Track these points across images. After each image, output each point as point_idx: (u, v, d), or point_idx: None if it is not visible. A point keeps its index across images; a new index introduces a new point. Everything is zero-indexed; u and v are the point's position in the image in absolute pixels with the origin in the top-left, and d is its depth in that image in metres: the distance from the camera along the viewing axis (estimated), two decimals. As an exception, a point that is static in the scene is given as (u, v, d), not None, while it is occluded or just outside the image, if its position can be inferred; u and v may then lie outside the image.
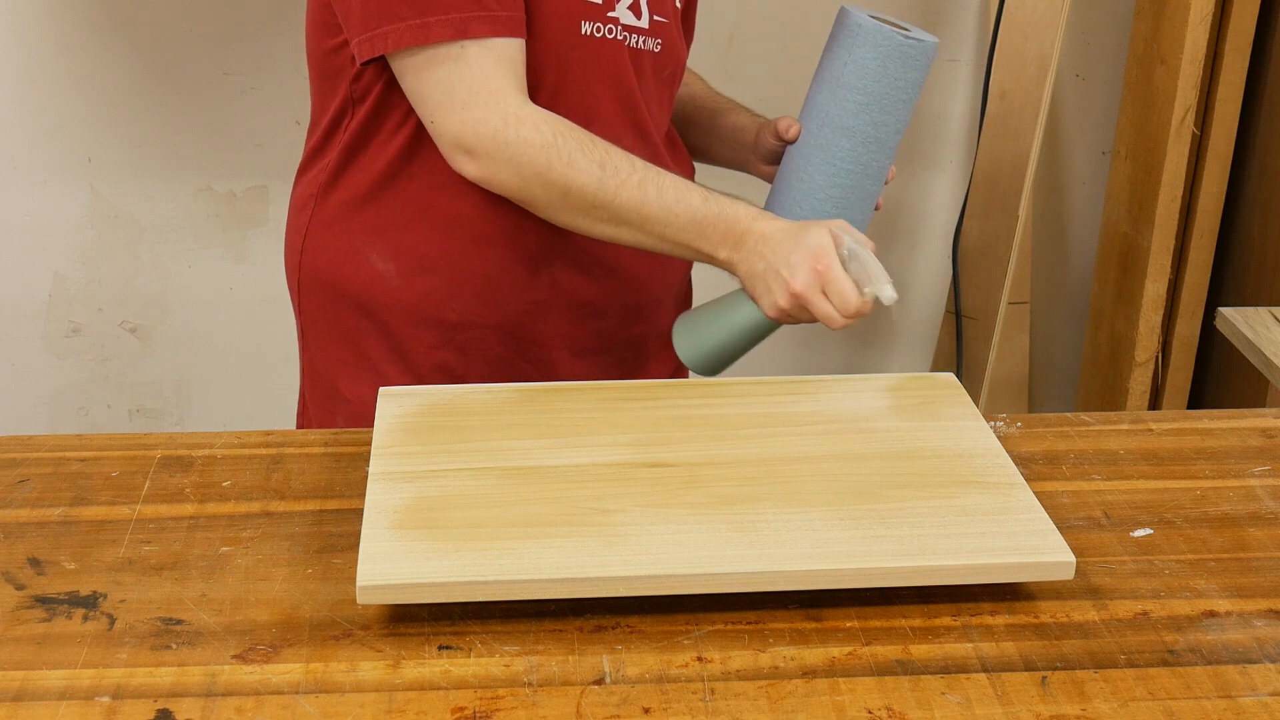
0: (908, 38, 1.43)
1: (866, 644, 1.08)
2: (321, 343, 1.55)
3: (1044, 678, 1.05)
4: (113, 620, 1.09)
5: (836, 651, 1.07)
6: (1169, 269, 2.46)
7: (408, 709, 1.01)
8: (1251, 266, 2.45)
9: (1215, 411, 1.44)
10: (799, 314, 1.33)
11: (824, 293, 1.31)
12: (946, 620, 1.11)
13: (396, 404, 1.32)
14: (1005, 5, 2.33)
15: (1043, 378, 2.77)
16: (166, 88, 2.37)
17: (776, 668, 1.05)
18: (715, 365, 1.45)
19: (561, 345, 1.51)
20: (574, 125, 1.35)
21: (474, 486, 1.19)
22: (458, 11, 1.29)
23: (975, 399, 2.47)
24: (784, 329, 1.60)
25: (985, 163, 2.39)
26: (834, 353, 2.69)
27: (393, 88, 1.40)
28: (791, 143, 1.50)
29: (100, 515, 1.22)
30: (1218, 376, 2.58)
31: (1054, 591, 1.14)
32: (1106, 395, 2.62)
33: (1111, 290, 2.57)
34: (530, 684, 1.03)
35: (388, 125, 1.43)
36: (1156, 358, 2.53)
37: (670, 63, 1.49)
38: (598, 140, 1.36)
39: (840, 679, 1.04)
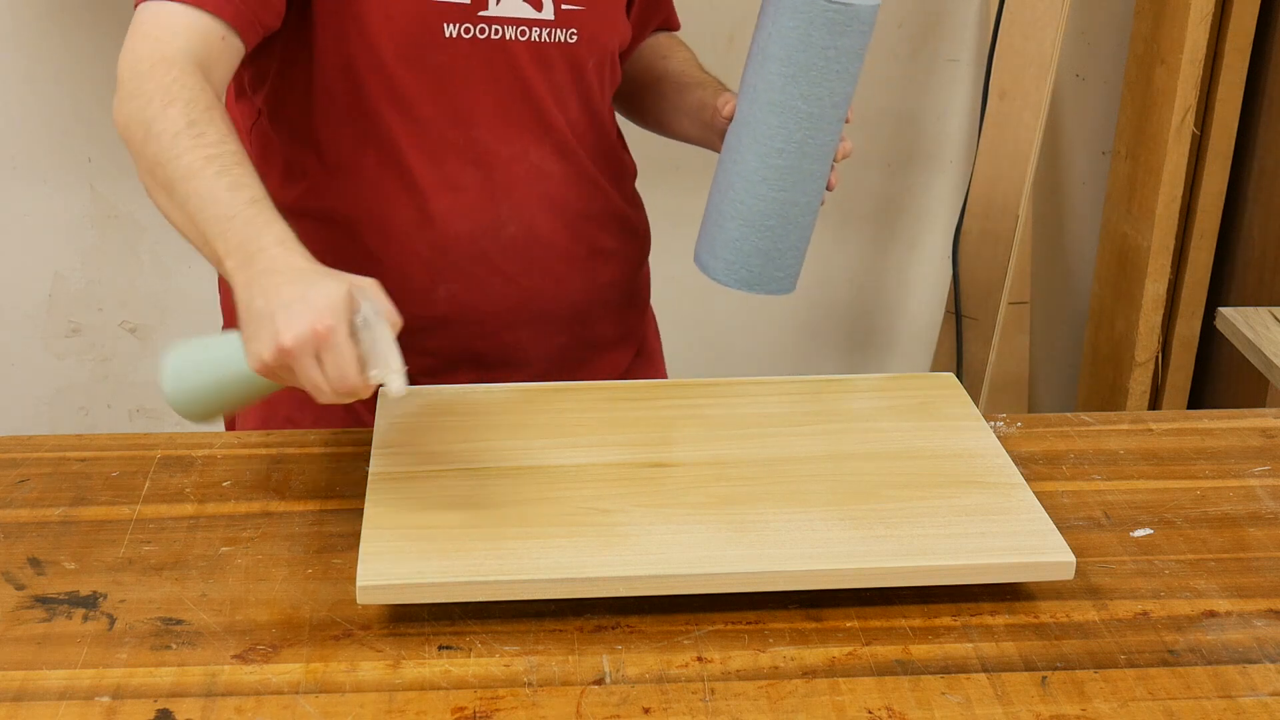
0: (837, 3, 1.29)
1: (866, 644, 1.08)
2: None
3: (1044, 678, 1.05)
4: (113, 620, 1.09)
5: (836, 651, 1.07)
6: (1169, 269, 2.46)
7: (408, 709, 1.01)
8: (1251, 266, 2.45)
9: (1215, 411, 1.44)
10: (282, 373, 1.08)
11: (318, 358, 1.06)
12: (946, 620, 1.11)
13: (396, 404, 1.31)
14: (1005, 5, 2.33)
15: (1043, 378, 2.77)
16: (166, 88, 2.37)
17: (776, 668, 1.05)
18: (199, 409, 1.20)
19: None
20: (210, 93, 1.21)
21: (474, 486, 1.19)
22: None
23: (975, 399, 2.47)
24: (778, 331, 1.58)
25: (985, 163, 2.39)
26: (834, 353, 2.69)
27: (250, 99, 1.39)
28: (729, 121, 1.39)
29: (100, 515, 1.22)
30: (1218, 376, 2.58)
31: (1054, 591, 1.14)
32: (1106, 395, 2.62)
33: (1111, 290, 2.57)
34: (530, 684, 1.03)
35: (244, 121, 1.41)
36: (1156, 358, 2.53)
37: (595, 51, 1.42)
38: (214, 106, 1.19)
39: (840, 679, 1.04)
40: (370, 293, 1.09)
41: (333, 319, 1.05)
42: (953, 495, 1.19)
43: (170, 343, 1.20)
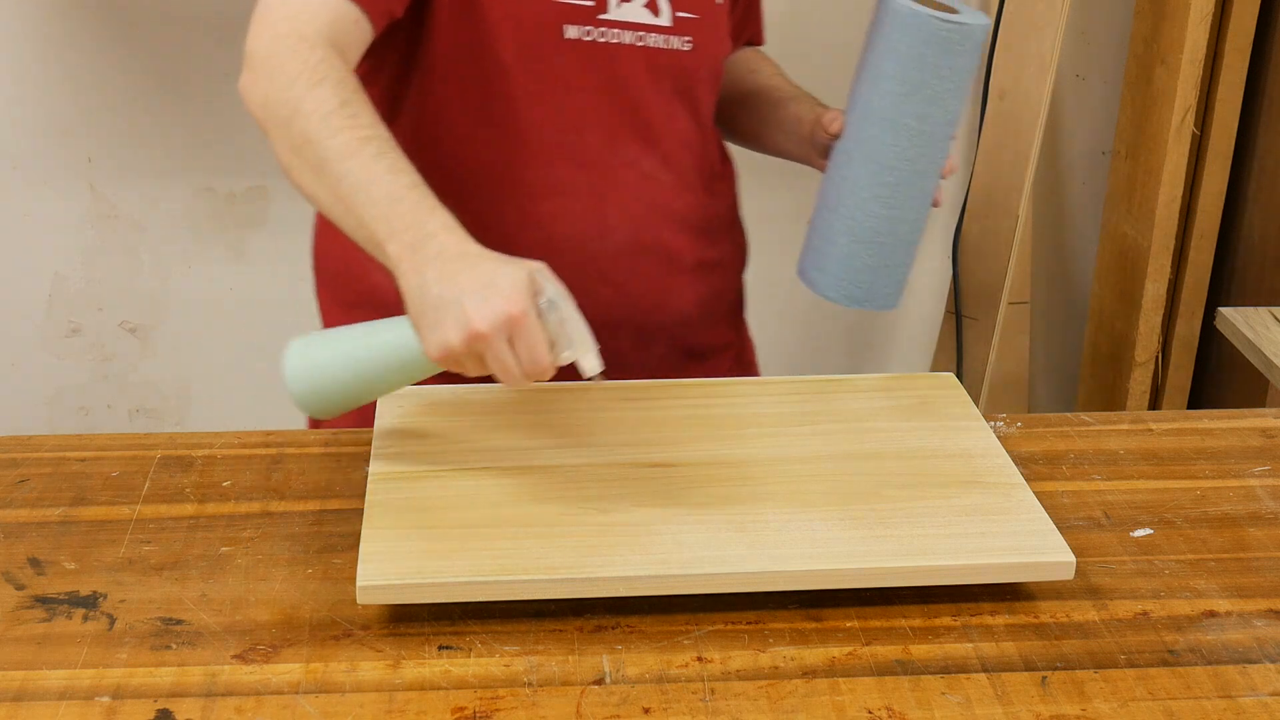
0: (947, 21, 1.30)
1: (866, 644, 1.08)
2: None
3: (1044, 678, 1.05)
4: (113, 620, 1.09)
5: (836, 651, 1.07)
6: (1169, 269, 2.46)
7: (408, 709, 1.01)
8: (1251, 266, 2.45)
9: (1215, 411, 1.44)
10: (465, 361, 1.09)
11: (510, 342, 1.07)
12: (946, 620, 1.11)
13: (396, 404, 1.31)
14: (1005, 5, 2.33)
15: (1043, 378, 2.77)
16: (166, 88, 2.37)
17: (776, 668, 1.05)
18: (331, 405, 1.20)
19: None
20: (354, 76, 1.20)
21: (474, 486, 1.19)
22: None
23: (975, 399, 2.47)
24: (778, 331, 1.57)
25: (985, 163, 2.39)
26: (834, 353, 2.69)
27: (390, 93, 1.37)
28: (836, 137, 1.39)
29: (100, 515, 1.22)
30: (1218, 376, 2.58)
31: (1054, 591, 1.14)
32: (1106, 395, 2.62)
33: (1111, 290, 2.57)
34: (530, 684, 1.03)
35: (390, 113, 1.37)
36: (1156, 358, 2.53)
37: (706, 61, 1.42)
38: (360, 89, 1.19)
39: (840, 679, 1.04)
40: (548, 274, 1.10)
41: (524, 302, 1.06)
42: (953, 495, 1.19)
43: (289, 339, 1.19)
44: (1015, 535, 1.15)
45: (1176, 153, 2.37)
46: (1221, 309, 2.01)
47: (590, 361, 1.09)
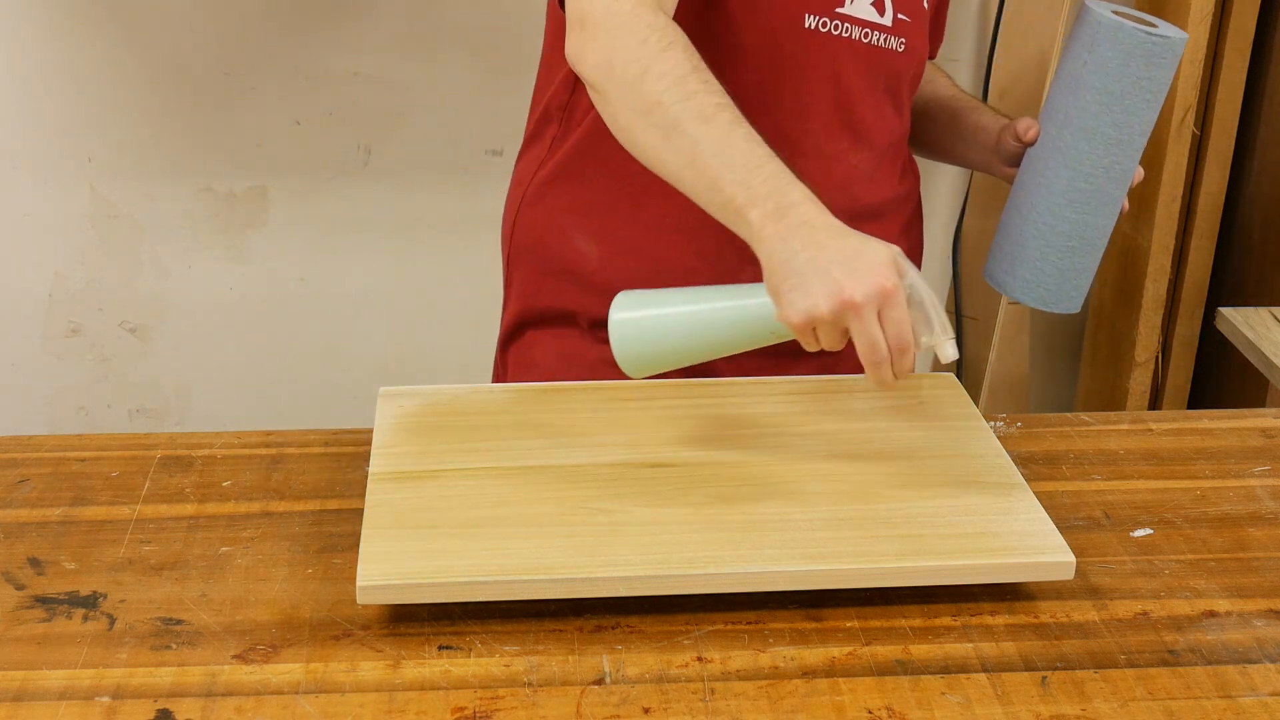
0: (1150, 34, 1.35)
1: (866, 644, 1.08)
2: (525, 304, 1.52)
3: (1044, 678, 1.05)
4: (113, 620, 1.09)
5: (836, 651, 1.07)
6: (1169, 269, 2.46)
7: (408, 709, 1.01)
8: (1251, 266, 2.45)
9: (1215, 411, 1.44)
10: (828, 332, 1.09)
11: (880, 316, 1.07)
12: (946, 620, 1.11)
13: (396, 404, 1.32)
14: (1005, 5, 2.33)
15: (1043, 378, 2.77)
16: (166, 88, 2.37)
17: (776, 668, 1.05)
18: (655, 361, 1.21)
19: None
20: (687, 38, 1.20)
21: (474, 486, 1.19)
22: None
23: (975, 399, 2.46)
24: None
25: (985, 163, 2.39)
26: (834, 353, 2.69)
27: None
28: (1030, 145, 1.42)
29: (100, 515, 1.22)
30: (1218, 376, 2.58)
31: (1054, 591, 1.14)
32: (1106, 395, 2.61)
33: (1111, 290, 2.57)
34: (530, 684, 1.03)
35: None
36: (1156, 358, 2.53)
37: (914, 64, 1.44)
38: (706, 68, 1.19)
39: (840, 679, 1.04)
40: (906, 258, 1.11)
41: (895, 278, 1.07)
42: (953, 495, 1.19)
43: (617, 296, 1.18)
44: (1015, 535, 1.15)
45: (1176, 152, 2.37)
46: (1221, 309, 2.01)
47: (949, 350, 1.09)
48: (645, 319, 1.18)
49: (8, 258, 2.46)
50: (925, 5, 1.44)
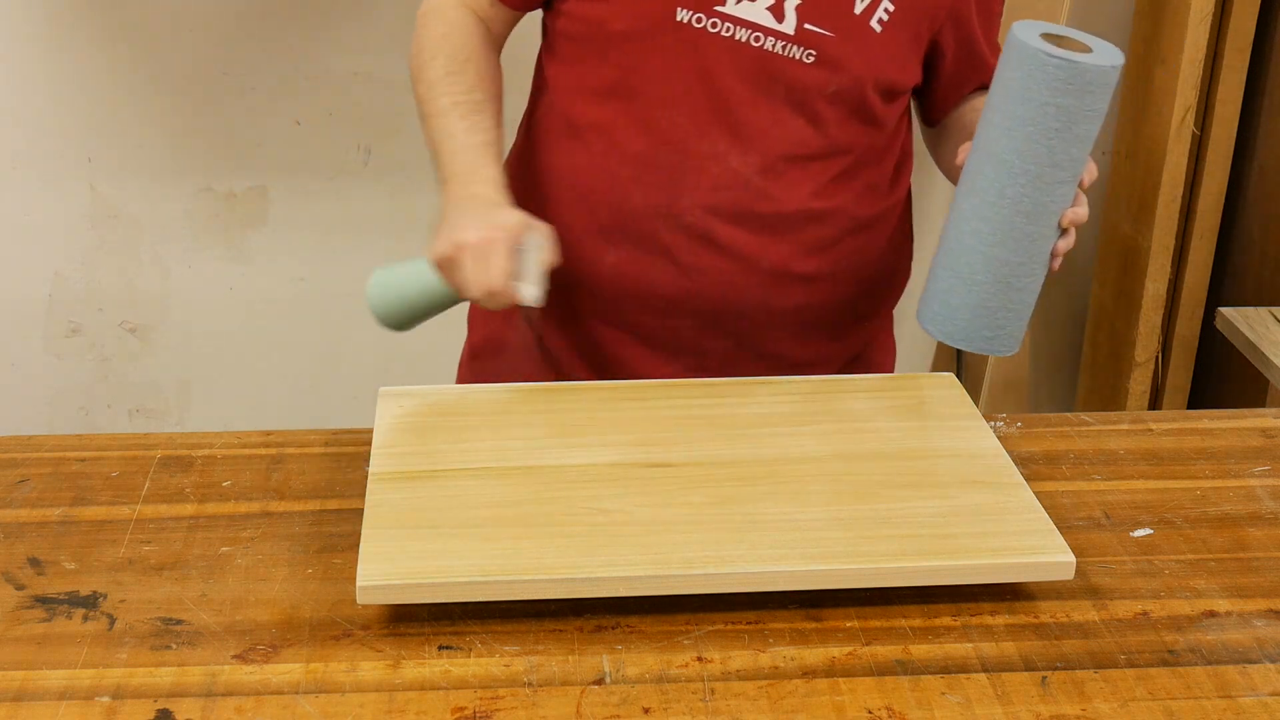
0: (1063, 59, 1.22)
1: (866, 644, 1.08)
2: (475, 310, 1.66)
3: (1044, 678, 1.05)
4: (113, 620, 1.09)
5: (836, 651, 1.07)
6: (1169, 269, 2.46)
7: (408, 709, 1.01)
8: (1251, 266, 2.45)
9: (1215, 411, 1.44)
10: (448, 269, 1.31)
11: (477, 259, 1.29)
12: (946, 620, 1.11)
13: (396, 404, 1.32)
14: (1005, 5, 2.33)
15: (1043, 378, 2.77)
16: (166, 87, 2.37)
17: (776, 668, 1.05)
18: (394, 315, 1.38)
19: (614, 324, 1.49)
20: (474, 43, 1.45)
21: (474, 486, 1.19)
22: None
23: (975, 399, 2.47)
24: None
25: (985, 163, 2.39)
26: (834, 353, 2.69)
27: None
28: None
29: (100, 515, 1.22)
30: (1218, 376, 2.58)
31: (1054, 591, 1.14)
32: (1106, 395, 2.62)
33: (1111, 290, 2.57)
34: (530, 684, 1.03)
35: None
36: (1156, 358, 2.53)
37: (841, 79, 1.39)
38: (473, 64, 1.44)
39: (840, 679, 1.04)
40: (541, 230, 1.32)
41: (501, 234, 1.29)
42: (953, 495, 1.19)
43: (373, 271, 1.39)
44: (1015, 535, 1.15)
45: (1176, 153, 2.37)
46: (1221, 309, 2.01)
47: (527, 291, 1.29)
48: (380, 281, 1.39)
49: (8, 258, 2.46)
50: (876, 27, 1.39)
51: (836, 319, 1.52)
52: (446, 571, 1.08)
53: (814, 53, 1.38)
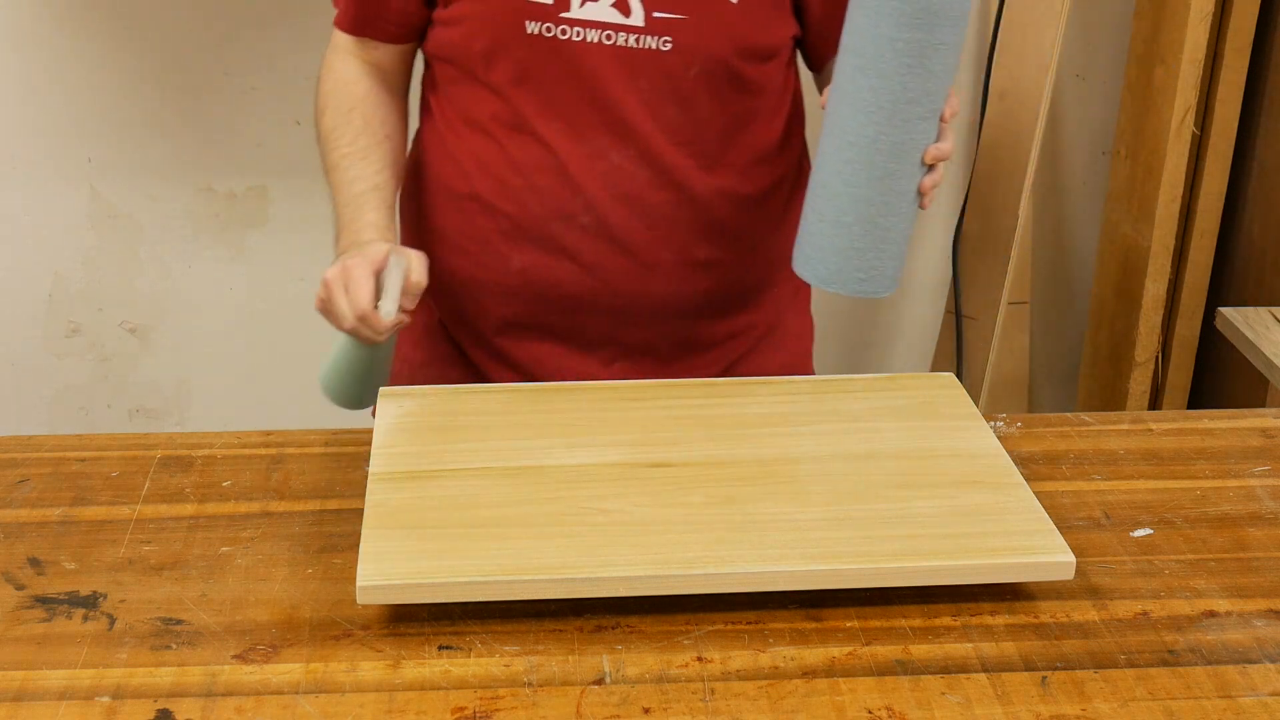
0: None
1: (866, 644, 1.08)
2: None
3: (1044, 678, 1.05)
4: (113, 620, 1.09)
5: (836, 651, 1.07)
6: (1169, 269, 2.46)
7: (408, 709, 1.01)
8: (1251, 266, 2.45)
9: (1215, 411, 1.44)
10: (327, 311, 1.35)
11: (345, 289, 1.32)
12: (946, 620, 1.11)
13: (396, 404, 1.32)
14: (1005, 5, 2.33)
15: (1043, 378, 2.77)
16: (166, 88, 2.37)
17: (776, 668, 1.05)
18: (343, 393, 1.43)
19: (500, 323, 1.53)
20: (355, 93, 1.49)
21: (474, 486, 1.19)
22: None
23: (975, 399, 2.46)
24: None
25: (985, 163, 2.39)
26: (834, 353, 2.69)
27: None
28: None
29: (100, 515, 1.22)
30: (1218, 376, 2.58)
31: (1054, 591, 1.14)
32: (1106, 395, 2.62)
33: (1111, 290, 2.57)
34: (530, 684, 1.03)
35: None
36: (1156, 358, 2.53)
37: (702, 59, 1.40)
38: (358, 113, 1.47)
39: (840, 679, 1.04)
40: (408, 256, 1.35)
41: (361, 261, 1.33)
42: (953, 495, 1.19)
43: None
44: (1015, 535, 1.15)
45: (1176, 153, 2.37)
46: (1221, 309, 2.01)
47: (384, 307, 1.32)
48: (322, 370, 1.42)
49: (8, 258, 2.46)
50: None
51: (745, 293, 1.55)
52: (446, 571, 1.08)
53: (669, 39, 1.39)
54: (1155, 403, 2.57)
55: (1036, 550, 1.13)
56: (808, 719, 1.00)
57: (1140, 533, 1.23)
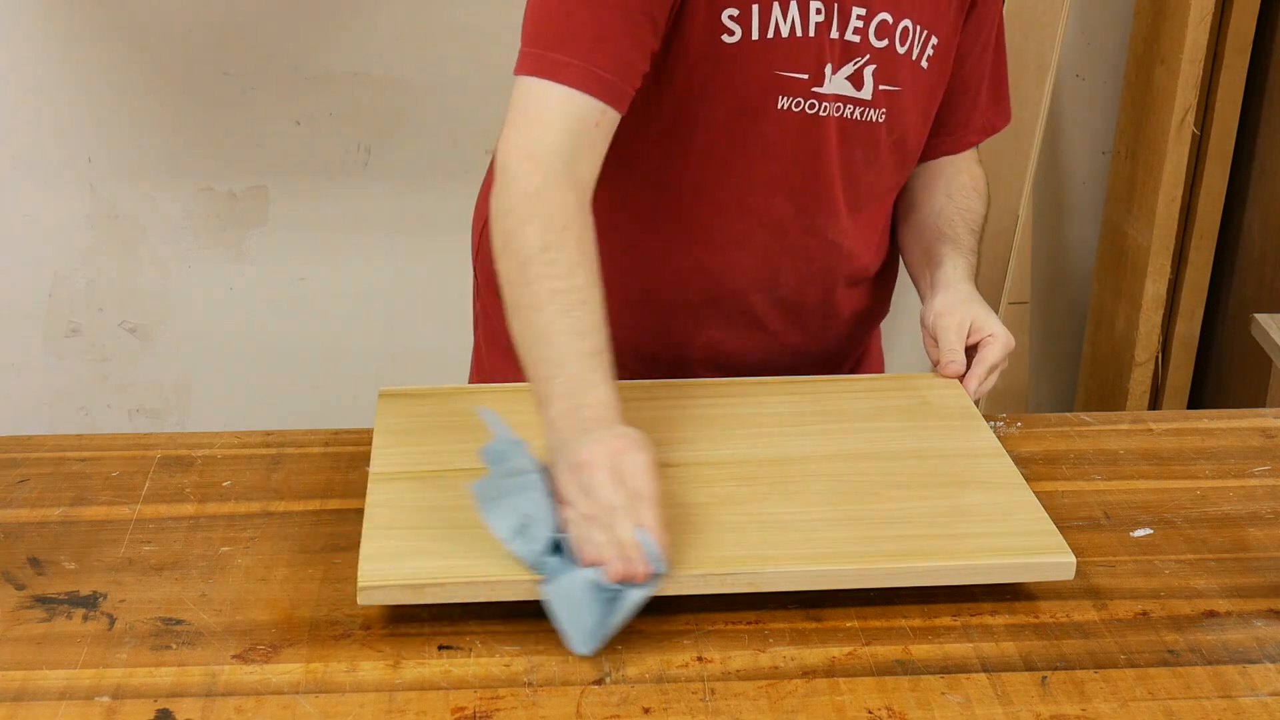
0: None
1: (866, 644, 1.08)
2: (488, 319, 1.55)
3: (1044, 678, 1.05)
4: (113, 620, 1.09)
5: (836, 651, 1.07)
6: (1169, 269, 2.46)
7: (408, 709, 1.01)
8: (1251, 266, 2.45)
9: (1215, 411, 1.44)
10: (578, 501, 1.08)
11: (616, 472, 1.08)
12: (946, 620, 1.11)
13: (396, 404, 1.32)
14: (1005, 5, 2.33)
15: (1043, 378, 2.77)
16: (166, 88, 2.37)
17: (776, 668, 1.05)
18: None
19: None
20: (567, 201, 1.20)
21: (474, 486, 1.19)
22: (553, 52, 1.23)
23: (975, 399, 2.46)
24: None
25: (985, 163, 2.39)
26: (834, 353, 2.69)
27: None
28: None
29: (100, 515, 1.22)
30: (1218, 376, 2.58)
31: (1054, 591, 1.14)
32: (1106, 395, 2.62)
33: (1111, 290, 2.57)
34: (530, 684, 1.03)
35: None
36: (1156, 358, 2.53)
37: (895, 129, 1.40)
38: (571, 228, 1.19)
39: (840, 679, 1.04)
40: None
41: (629, 442, 1.10)
42: (953, 495, 1.19)
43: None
44: (1015, 535, 1.14)
45: (1176, 153, 2.37)
46: (1256, 315, 1.99)
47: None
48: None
49: (8, 258, 2.46)
50: (923, 65, 1.39)
51: (870, 322, 1.58)
52: (446, 571, 1.08)
53: (885, 110, 1.38)
54: (1155, 403, 2.57)
55: (1037, 550, 1.13)
56: (808, 719, 1.00)
57: (1140, 533, 1.23)
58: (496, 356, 1.54)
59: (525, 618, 1.09)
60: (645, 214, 1.38)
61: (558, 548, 1.08)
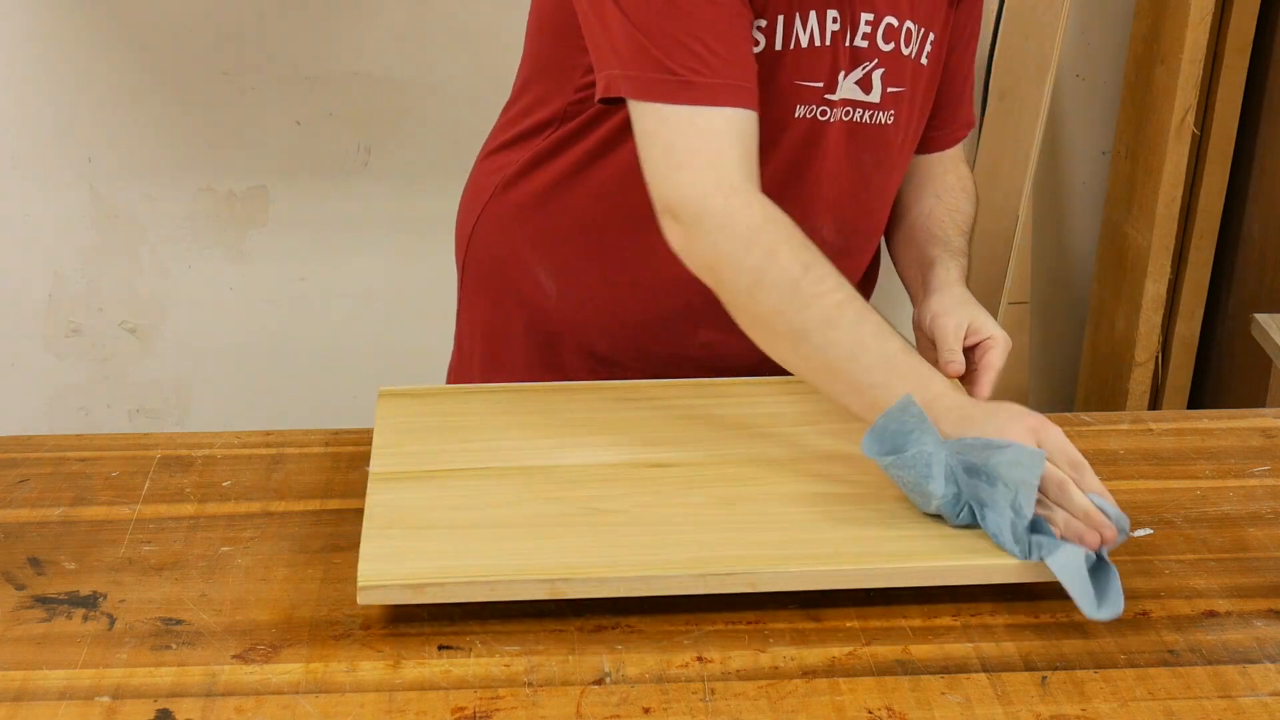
0: None
1: (866, 644, 1.08)
2: (474, 321, 1.52)
3: (1044, 678, 1.05)
4: (113, 620, 1.09)
5: (836, 651, 1.07)
6: (1169, 269, 2.46)
7: (408, 709, 1.01)
8: (1251, 266, 2.45)
9: (1215, 411, 1.44)
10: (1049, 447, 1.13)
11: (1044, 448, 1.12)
12: (946, 620, 1.11)
13: (396, 404, 1.32)
14: (1005, 5, 2.33)
15: (1043, 378, 2.77)
16: (166, 88, 2.37)
17: (776, 668, 1.05)
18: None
19: None
20: (788, 219, 1.21)
21: (474, 486, 1.19)
22: (697, 75, 1.20)
23: (975, 399, 2.46)
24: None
25: (985, 163, 2.39)
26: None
27: (614, 113, 1.33)
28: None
29: (100, 515, 1.22)
30: (1218, 376, 2.58)
31: (1054, 591, 1.14)
32: (1106, 395, 2.62)
33: (1111, 290, 2.57)
34: (530, 684, 1.03)
35: (590, 143, 1.37)
36: (1156, 358, 2.53)
37: (902, 129, 1.40)
38: (809, 243, 1.21)
39: (840, 679, 1.04)
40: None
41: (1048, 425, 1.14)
42: (953, 495, 1.19)
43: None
44: (1015, 535, 1.14)
45: (1176, 153, 2.37)
46: (1256, 315, 1.99)
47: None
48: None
49: (8, 258, 2.46)
50: (923, 61, 1.39)
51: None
52: (446, 571, 1.08)
53: (893, 112, 1.38)
54: (1155, 403, 2.57)
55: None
56: (808, 719, 1.00)
57: (1140, 533, 1.23)
58: (479, 353, 1.54)
59: (525, 618, 1.09)
60: (648, 216, 1.39)
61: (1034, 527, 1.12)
